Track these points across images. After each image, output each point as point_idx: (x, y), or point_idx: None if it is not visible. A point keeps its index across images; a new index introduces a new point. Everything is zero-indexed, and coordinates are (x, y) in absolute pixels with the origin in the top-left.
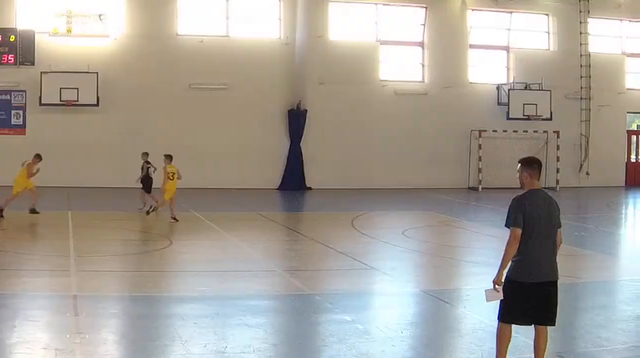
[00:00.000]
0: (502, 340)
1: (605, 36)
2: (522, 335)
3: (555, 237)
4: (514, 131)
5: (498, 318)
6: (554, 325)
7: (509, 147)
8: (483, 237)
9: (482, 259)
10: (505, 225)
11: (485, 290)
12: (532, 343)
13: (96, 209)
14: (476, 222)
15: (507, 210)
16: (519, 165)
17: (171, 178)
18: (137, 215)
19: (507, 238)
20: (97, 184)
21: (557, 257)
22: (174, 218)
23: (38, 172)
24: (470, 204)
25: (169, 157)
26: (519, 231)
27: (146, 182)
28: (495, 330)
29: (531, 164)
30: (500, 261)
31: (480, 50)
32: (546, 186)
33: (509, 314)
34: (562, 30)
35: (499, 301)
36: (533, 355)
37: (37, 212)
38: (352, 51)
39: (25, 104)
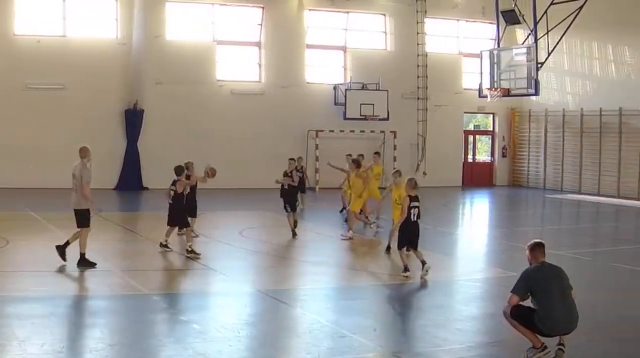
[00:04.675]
0: None
1: (442, 36)
2: (359, 335)
3: None
4: (351, 131)
5: None
6: None
7: (346, 147)
8: (319, 236)
9: (318, 259)
10: None
11: None
12: (370, 343)
13: None
14: (313, 222)
15: None
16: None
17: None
18: None
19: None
20: None
21: None
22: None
23: None
24: (309, 204)
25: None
26: None
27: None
28: (331, 330)
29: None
30: None
31: (317, 50)
32: (382, 186)
33: None
34: (399, 30)
35: None
36: (370, 355)
37: None
38: (189, 51)
39: None
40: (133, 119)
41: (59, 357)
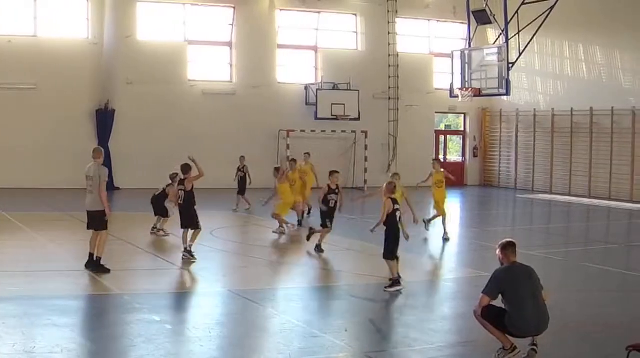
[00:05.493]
0: None
1: (413, 36)
2: (330, 335)
3: None
4: (323, 131)
5: None
6: None
7: (318, 147)
8: (289, 237)
9: (289, 259)
10: None
11: None
12: (341, 343)
13: None
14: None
15: None
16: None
17: None
18: None
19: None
20: None
21: None
22: None
23: None
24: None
25: None
26: None
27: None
28: (303, 329)
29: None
30: None
31: (289, 50)
32: (354, 186)
33: None
34: (370, 30)
35: None
36: (342, 355)
37: None
38: (160, 51)
39: None
40: (104, 119)
41: (30, 356)
